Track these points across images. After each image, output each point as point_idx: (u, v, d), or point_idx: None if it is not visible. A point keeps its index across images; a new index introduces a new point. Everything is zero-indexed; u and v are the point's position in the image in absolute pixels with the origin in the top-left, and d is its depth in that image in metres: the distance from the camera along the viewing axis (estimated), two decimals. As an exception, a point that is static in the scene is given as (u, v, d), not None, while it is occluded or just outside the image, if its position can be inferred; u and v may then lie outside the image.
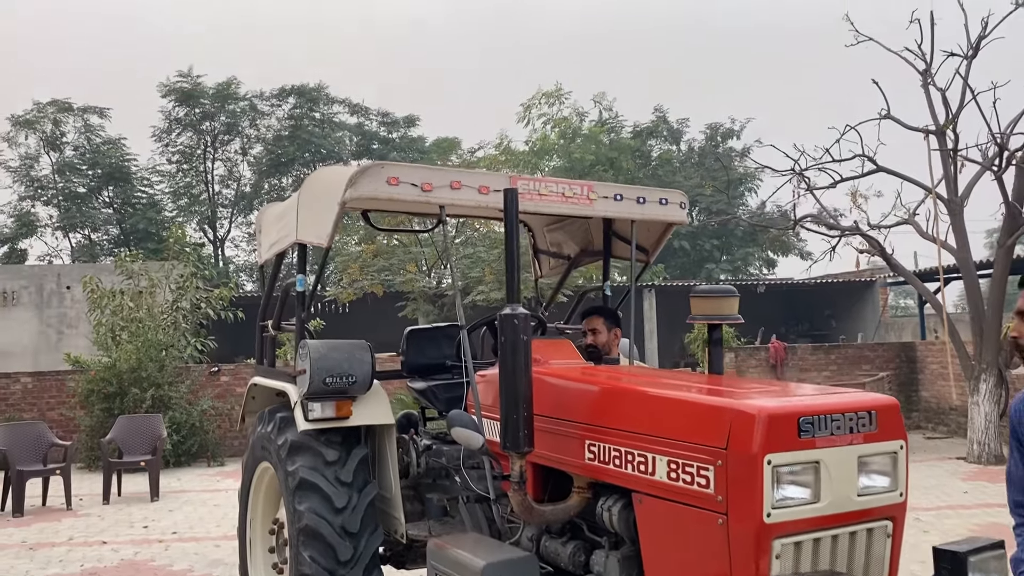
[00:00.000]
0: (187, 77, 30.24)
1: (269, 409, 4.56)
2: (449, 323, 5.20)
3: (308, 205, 4.19)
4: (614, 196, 4.20)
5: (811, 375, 14.65)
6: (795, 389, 2.91)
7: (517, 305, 3.13)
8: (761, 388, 3.08)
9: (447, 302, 18.40)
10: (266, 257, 4.94)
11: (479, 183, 3.84)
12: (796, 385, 3.08)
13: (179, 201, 32.10)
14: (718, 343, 3.74)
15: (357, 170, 3.67)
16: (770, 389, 3.00)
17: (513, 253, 3.20)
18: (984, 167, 11.23)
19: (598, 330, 4.62)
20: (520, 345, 3.07)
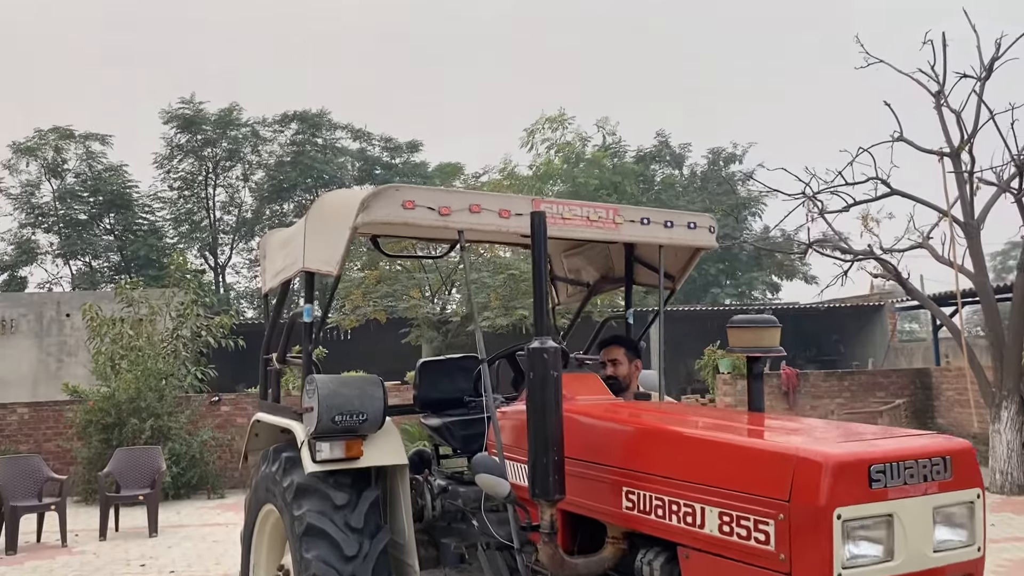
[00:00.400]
0: (189, 103, 30.20)
1: (274, 448, 4.30)
2: (465, 354, 4.94)
3: (316, 231, 3.95)
4: (641, 220, 3.97)
5: (824, 402, 14.34)
6: (858, 431, 2.65)
7: (547, 338, 2.88)
8: (821, 430, 2.81)
9: (451, 328, 18.13)
10: (270, 285, 4.69)
11: (500, 206, 3.61)
12: (856, 426, 2.82)
13: (180, 228, 31.92)
14: (759, 377, 3.48)
15: (370, 193, 3.44)
16: (831, 431, 2.73)
17: (541, 280, 2.95)
18: (1002, 188, 11.00)
19: (618, 361, 4.34)
20: (550, 382, 2.83)
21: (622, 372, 4.32)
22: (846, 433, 2.60)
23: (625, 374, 4.33)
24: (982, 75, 11.48)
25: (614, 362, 4.34)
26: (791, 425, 3.03)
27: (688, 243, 4.17)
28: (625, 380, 4.31)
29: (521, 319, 16.60)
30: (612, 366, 4.33)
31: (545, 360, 2.84)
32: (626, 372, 4.34)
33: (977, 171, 11.21)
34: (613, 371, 4.31)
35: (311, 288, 4.07)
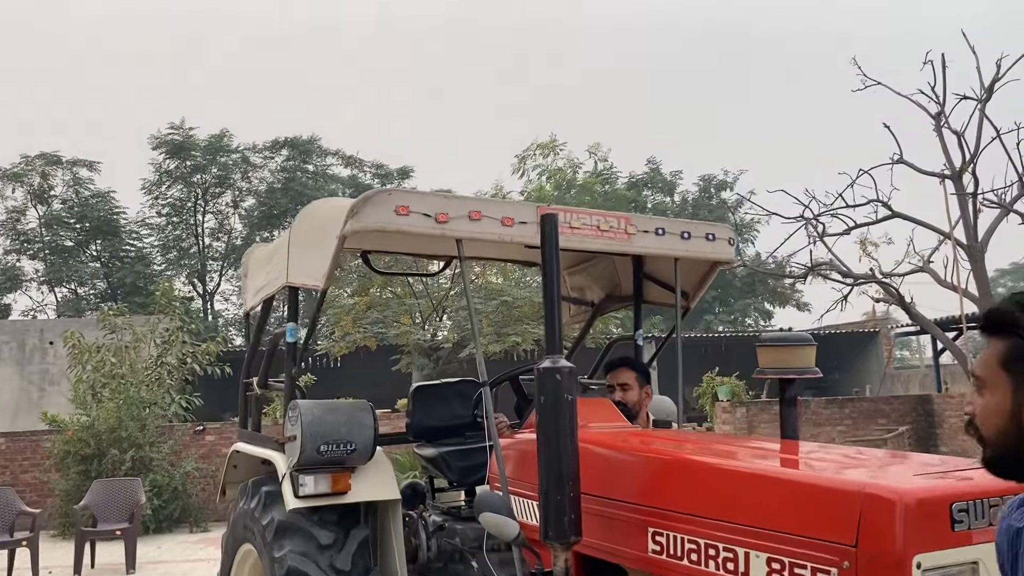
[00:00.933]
0: (179, 129, 29.91)
1: (253, 481, 3.92)
2: (462, 378, 4.58)
3: (301, 242, 3.61)
4: (655, 230, 3.65)
5: (825, 430, 13.99)
6: (925, 462, 2.30)
7: (559, 356, 2.55)
8: (882, 460, 2.46)
9: (442, 355, 17.74)
10: (251, 304, 4.34)
11: (503, 213, 3.28)
12: (917, 456, 2.47)
13: (168, 254, 31.50)
14: (792, 403, 3.14)
15: (360, 198, 3.11)
16: (895, 462, 2.39)
17: (553, 292, 2.62)
18: (1006, 209, 10.79)
19: (628, 385, 3.95)
20: (564, 407, 2.49)
21: (632, 398, 3.95)
22: (913, 464, 2.26)
23: (635, 400, 3.96)
24: (983, 97, 11.32)
25: (624, 386, 3.96)
26: (845, 455, 2.68)
27: (706, 256, 3.84)
28: (635, 407, 3.94)
29: (514, 345, 16.25)
30: (621, 391, 3.95)
31: (558, 382, 2.50)
32: (636, 398, 3.97)
33: (980, 192, 11.00)
34: (622, 396, 3.92)
35: (295, 305, 3.72)
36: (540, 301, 17.25)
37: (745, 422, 13.69)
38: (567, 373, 2.53)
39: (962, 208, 11.24)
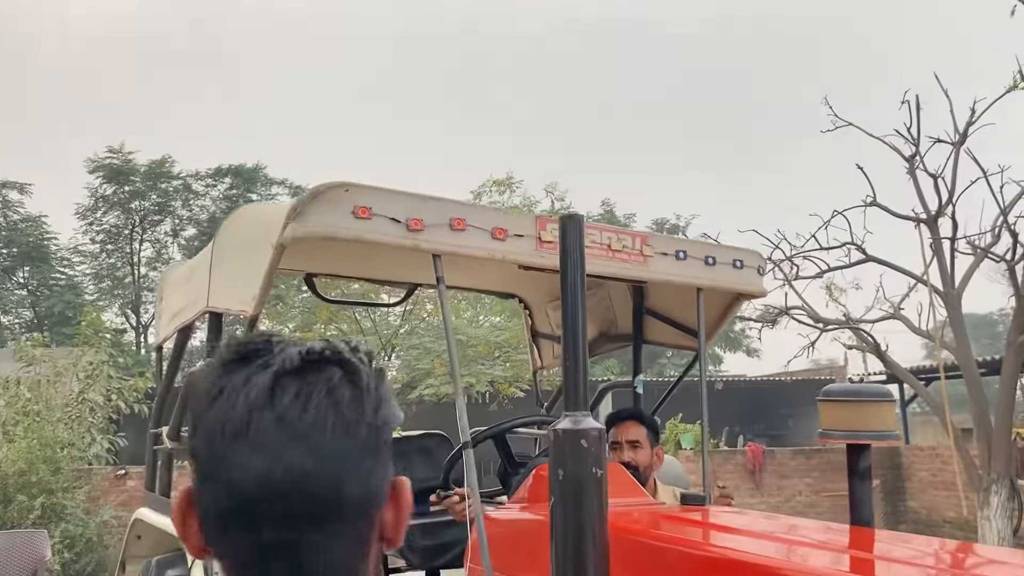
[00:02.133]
0: (118, 153, 28.64)
1: (157, 560, 3.07)
2: (427, 431, 3.78)
3: (226, 257, 2.81)
4: (676, 253, 2.94)
5: (792, 482, 13.41)
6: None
7: (586, 415, 1.81)
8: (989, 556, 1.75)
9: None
10: (165, 335, 3.49)
11: (494, 223, 2.54)
12: None
13: (101, 283, 29.98)
14: (866, 476, 2.42)
15: (307, 193, 2.34)
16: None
17: (578, 317, 1.87)
18: (983, 252, 10.41)
19: (639, 444, 3.22)
20: (592, 487, 1.74)
21: (643, 459, 3.21)
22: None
23: (647, 462, 3.22)
24: (957, 140, 11.00)
25: (633, 445, 3.22)
26: (966, 555, 1.95)
27: (732, 287, 3.15)
28: (645, 471, 3.19)
29: (468, 387, 15.40)
30: (631, 450, 3.20)
31: (583, 450, 1.75)
32: (648, 460, 3.23)
33: (959, 238, 10.63)
34: (632, 456, 3.18)
35: (218, 337, 2.90)
36: (495, 340, 16.46)
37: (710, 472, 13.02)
38: (595, 438, 1.79)
39: (938, 253, 10.84)
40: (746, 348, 34.18)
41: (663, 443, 13.64)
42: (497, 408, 16.66)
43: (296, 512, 0.73)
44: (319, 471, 0.75)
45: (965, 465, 10.65)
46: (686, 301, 3.45)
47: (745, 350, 34.43)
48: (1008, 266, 9.72)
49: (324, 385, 0.78)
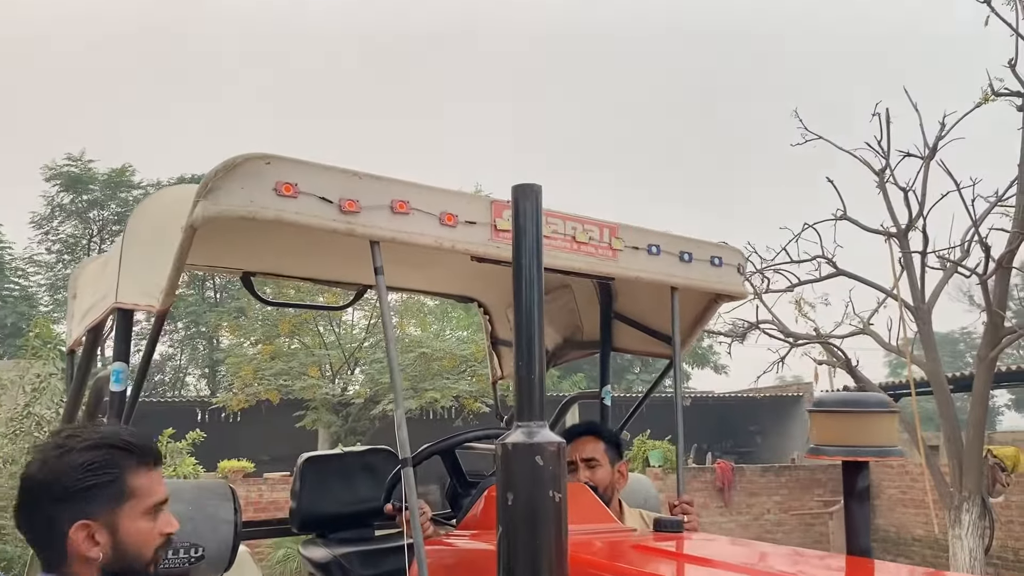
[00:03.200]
0: (76, 161, 27.95)
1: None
2: (370, 447, 3.42)
3: (135, 248, 2.46)
4: (648, 247, 2.64)
5: (760, 500, 13.17)
6: None
7: (542, 425, 1.49)
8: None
9: (352, 412, 16.34)
10: (76, 336, 3.11)
11: (442, 207, 2.22)
12: None
13: (57, 295, 29.15)
14: (864, 496, 2.13)
15: (220, 165, 2.00)
16: None
17: (533, 310, 1.55)
18: (953, 268, 10.28)
19: (596, 462, 2.89)
20: (550, 512, 1.43)
21: (602, 479, 2.87)
22: None
23: (606, 482, 2.89)
24: (926, 154, 10.91)
25: (590, 463, 2.88)
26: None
27: (710, 287, 2.85)
28: (606, 491, 2.86)
29: (431, 402, 15.01)
30: (587, 469, 2.87)
31: (538, 470, 1.44)
32: (608, 479, 2.90)
33: (930, 252, 10.49)
34: (589, 476, 2.85)
35: (127, 337, 2.54)
36: (461, 354, 16.12)
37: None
38: (554, 454, 1.47)
39: (908, 268, 10.70)
40: (713, 364, 34.17)
41: (629, 460, 13.38)
42: (462, 423, 16.28)
43: None
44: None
45: (936, 482, 10.47)
46: (658, 304, 3.16)
47: (713, 366, 34.43)
48: (980, 280, 9.58)
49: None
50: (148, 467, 1.61)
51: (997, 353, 9.76)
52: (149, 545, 1.59)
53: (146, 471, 1.60)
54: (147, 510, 1.59)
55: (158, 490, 1.62)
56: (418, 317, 18.45)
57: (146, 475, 1.60)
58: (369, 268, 2.17)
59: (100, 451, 1.56)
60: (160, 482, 1.63)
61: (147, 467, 1.61)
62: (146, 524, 1.58)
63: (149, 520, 1.59)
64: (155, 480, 1.62)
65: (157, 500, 1.61)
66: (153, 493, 1.60)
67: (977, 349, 10.62)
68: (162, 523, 1.62)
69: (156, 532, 1.60)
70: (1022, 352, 32.78)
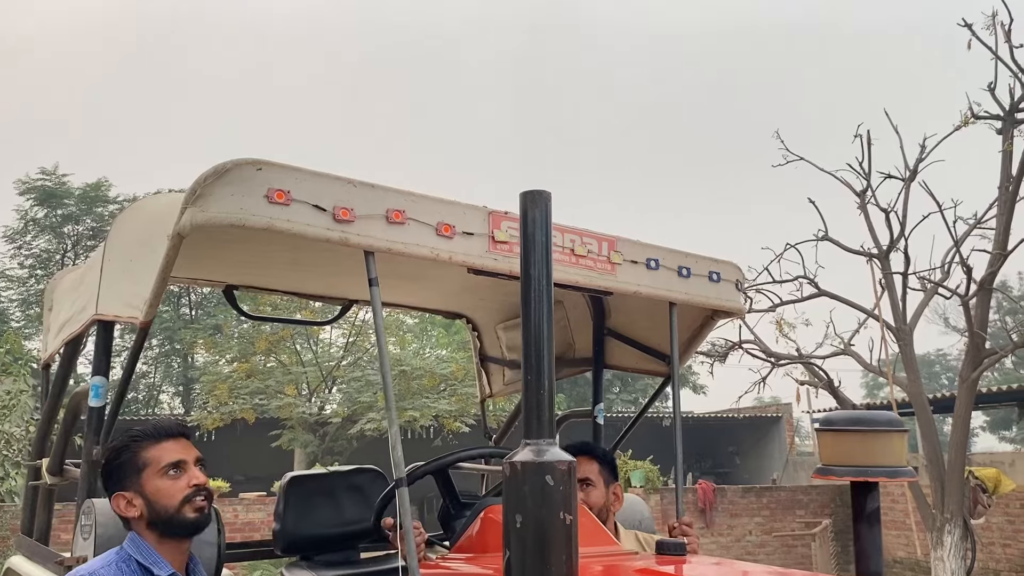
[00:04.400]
0: (51, 175, 27.57)
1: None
2: (357, 467, 3.32)
3: (118, 257, 2.37)
4: (647, 261, 2.58)
5: (742, 521, 13.11)
6: None
7: (552, 443, 1.42)
8: None
9: (329, 431, 16.13)
10: (52, 350, 2.99)
11: (439, 217, 2.15)
12: None
13: (29, 310, 28.65)
14: (875, 518, 2.06)
15: (210, 171, 1.91)
16: None
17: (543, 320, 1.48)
18: (934, 288, 10.33)
19: (590, 482, 2.81)
20: (560, 535, 1.35)
21: (596, 499, 2.79)
22: None
23: (600, 503, 2.80)
24: (907, 176, 10.99)
25: (585, 483, 2.79)
26: None
27: (708, 303, 2.79)
28: (600, 513, 2.76)
29: (410, 421, 14.85)
30: (581, 490, 2.77)
31: (548, 490, 1.37)
32: (602, 500, 2.81)
33: (911, 273, 10.54)
34: (583, 498, 2.75)
35: (107, 350, 2.43)
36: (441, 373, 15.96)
37: (659, 511, 12.66)
38: (564, 473, 1.40)
39: (889, 288, 10.75)
40: (692, 384, 34.15)
41: (612, 480, 13.30)
42: (441, 443, 16.10)
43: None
44: None
45: (918, 504, 10.46)
46: (652, 320, 3.10)
47: (691, 386, 34.41)
48: (962, 301, 9.63)
49: None
50: (158, 441, 1.98)
51: (979, 374, 9.79)
52: (174, 497, 1.96)
53: (155, 444, 1.98)
54: (161, 471, 1.96)
55: (168, 456, 1.97)
56: (397, 336, 18.31)
57: (155, 447, 1.97)
58: (356, 282, 2.09)
59: (120, 441, 2.01)
60: (172, 449, 1.98)
61: (156, 441, 1.98)
62: (165, 482, 1.96)
63: (167, 479, 1.96)
64: (166, 449, 1.98)
65: (168, 462, 1.97)
66: (163, 459, 1.97)
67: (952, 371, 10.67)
68: (185, 478, 1.98)
69: (180, 486, 1.96)
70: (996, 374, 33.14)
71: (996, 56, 9.38)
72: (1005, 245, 9.42)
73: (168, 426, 2.03)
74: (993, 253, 9.53)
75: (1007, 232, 9.43)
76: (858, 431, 2.04)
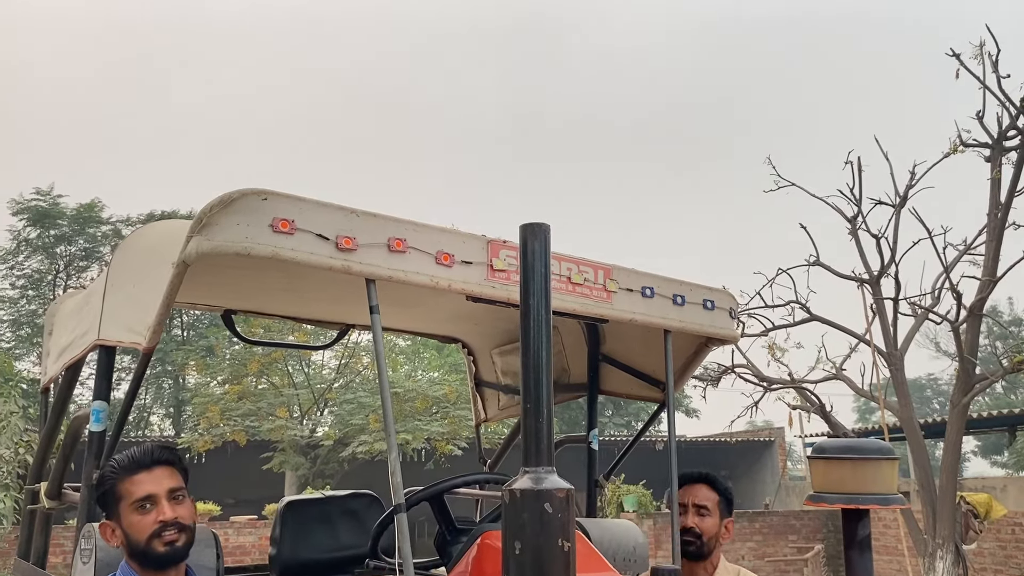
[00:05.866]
0: (45, 196, 27.58)
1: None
2: (354, 491, 3.34)
3: (121, 282, 2.40)
4: (642, 289, 2.62)
5: (735, 546, 13.08)
6: None
7: (551, 470, 1.46)
8: None
9: (320, 454, 16.07)
10: (52, 374, 3.01)
11: (438, 246, 2.19)
12: None
13: (20, 331, 28.53)
14: (866, 544, 2.10)
15: (216, 200, 1.95)
16: None
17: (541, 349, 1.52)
18: (924, 314, 10.41)
19: (707, 510, 2.84)
20: (559, 562, 1.38)
21: (708, 528, 2.83)
22: None
23: (712, 532, 2.84)
24: (898, 202, 11.11)
25: (701, 510, 2.83)
26: None
27: (702, 330, 2.83)
28: (710, 542, 2.83)
29: (403, 444, 14.81)
30: (696, 515, 2.82)
31: (547, 517, 1.40)
32: (714, 530, 2.86)
33: (902, 298, 10.62)
34: (697, 523, 2.81)
35: (108, 375, 2.46)
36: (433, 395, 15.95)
37: (652, 535, 12.63)
38: (561, 501, 1.43)
39: (880, 314, 10.82)
40: (685, 408, 34.14)
41: (605, 505, 13.29)
42: (433, 467, 16.05)
43: None
44: None
45: (909, 529, 10.48)
46: (647, 346, 3.14)
47: (685, 410, 34.39)
48: (952, 327, 9.70)
49: None
50: (131, 473, 2.00)
51: (970, 399, 9.84)
52: (143, 532, 1.98)
53: (128, 477, 2.00)
54: (133, 506, 1.99)
55: (139, 490, 1.99)
56: (389, 357, 18.31)
57: (128, 480, 2.00)
58: (354, 307, 2.13)
59: (103, 471, 2.05)
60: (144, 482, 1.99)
61: (130, 474, 2.00)
62: (135, 517, 1.98)
63: (139, 513, 1.98)
64: (137, 482, 1.99)
65: (138, 497, 1.98)
66: (134, 494, 1.99)
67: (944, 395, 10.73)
68: (154, 514, 1.98)
69: (148, 522, 1.97)
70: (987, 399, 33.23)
71: (984, 85, 9.52)
72: (994, 271, 9.51)
73: (141, 458, 2.02)
74: (983, 279, 9.63)
75: (996, 258, 9.52)
76: (849, 459, 2.08)
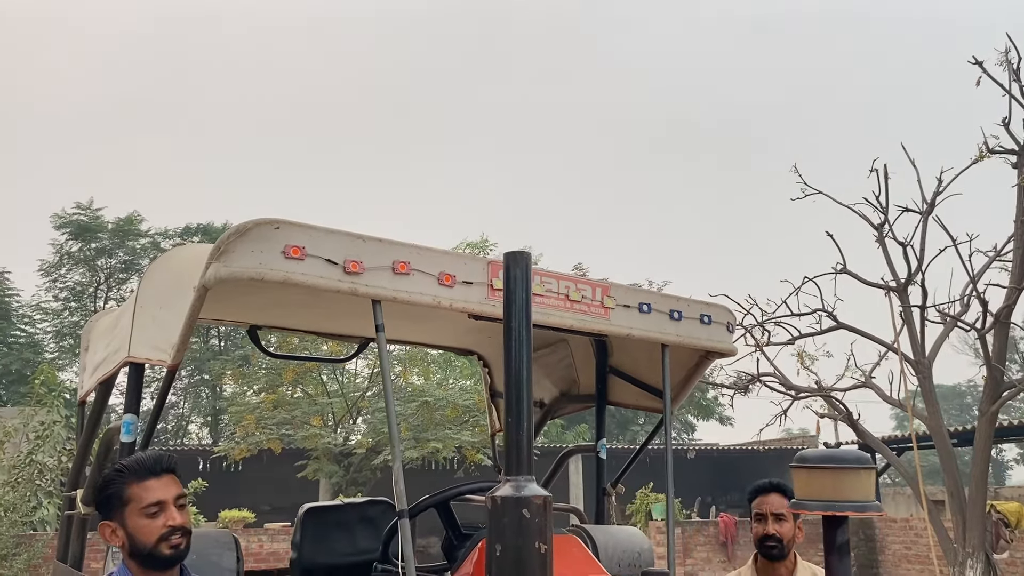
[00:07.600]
0: (86, 210, 28.30)
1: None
2: (370, 499, 3.51)
3: (149, 304, 2.58)
4: (639, 306, 2.75)
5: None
6: None
7: (529, 480, 1.59)
8: None
9: (354, 462, 16.31)
10: (87, 388, 3.22)
11: (441, 268, 2.35)
12: None
13: (63, 342, 29.27)
14: (844, 550, 2.20)
15: (232, 230, 2.13)
16: None
17: (523, 369, 1.66)
18: (952, 322, 10.33)
19: (783, 517, 3.09)
20: (535, 563, 1.52)
21: (787, 533, 3.07)
22: None
23: (790, 536, 3.09)
24: (924, 209, 11.06)
25: (778, 517, 3.08)
26: None
27: (700, 344, 2.95)
28: (788, 544, 3.08)
29: (433, 452, 14.99)
30: (775, 522, 3.07)
31: (525, 522, 1.53)
32: (791, 534, 3.09)
33: (929, 306, 10.57)
34: (777, 529, 3.06)
35: (138, 390, 2.64)
36: (464, 404, 16.13)
37: (680, 544, 12.66)
38: (539, 507, 1.56)
39: (908, 322, 10.77)
40: (719, 416, 33.95)
41: (632, 513, 13.31)
42: (464, 475, 16.23)
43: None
44: None
45: (940, 538, 10.39)
46: (652, 360, 3.26)
47: (718, 418, 34.19)
48: (979, 335, 9.64)
49: None
50: (142, 479, 2.06)
51: (998, 407, 9.76)
52: (151, 535, 2.04)
53: (139, 482, 2.06)
54: (142, 510, 2.04)
55: (150, 496, 2.05)
56: (421, 366, 18.51)
57: (138, 485, 2.06)
58: (370, 322, 2.28)
59: (111, 473, 2.11)
60: (154, 488, 2.06)
61: (140, 479, 2.06)
62: (144, 521, 2.04)
63: (147, 518, 2.04)
64: (148, 488, 2.06)
65: (149, 502, 2.04)
66: (145, 499, 2.05)
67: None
68: (163, 518, 2.05)
69: (157, 525, 2.04)
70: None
71: (1008, 93, 9.47)
72: (1022, 279, 9.44)
73: (152, 464, 2.09)
74: (1010, 287, 9.55)
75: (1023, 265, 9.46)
76: (829, 468, 2.18)
